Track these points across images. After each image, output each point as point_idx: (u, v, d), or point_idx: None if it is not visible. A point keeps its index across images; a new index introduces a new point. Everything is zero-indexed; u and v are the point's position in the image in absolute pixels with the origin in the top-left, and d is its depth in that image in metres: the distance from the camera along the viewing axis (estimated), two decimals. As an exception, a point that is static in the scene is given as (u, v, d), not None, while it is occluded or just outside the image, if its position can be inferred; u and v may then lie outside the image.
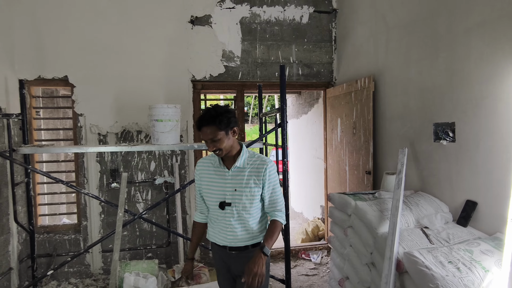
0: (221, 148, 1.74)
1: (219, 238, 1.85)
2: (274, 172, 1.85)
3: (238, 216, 1.79)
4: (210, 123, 1.70)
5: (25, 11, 3.55)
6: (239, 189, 1.79)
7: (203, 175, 1.88)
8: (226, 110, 1.76)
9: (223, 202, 1.80)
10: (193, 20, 3.89)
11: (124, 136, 3.82)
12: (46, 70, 3.64)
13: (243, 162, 1.81)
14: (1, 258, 3.22)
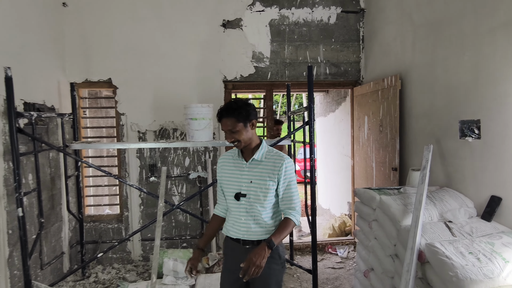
0: (239, 140, 1.81)
1: (233, 230, 1.88)
2: (291, 169, 1.87)
3: (251, 208, 1.83)
4: (230, 115, 1.77)
5: (74, 21, 3.91)
6: (255, 181, 1.84)
7: (224, 167, 1.95)
8: (246, 103, 1.82)
9: (239, 193, 1.85)
10: (225, 23, 4.10)
11: (161, 133, 4.10)
12: (93, 74, 3.99)
13: (261, 155, 1.85)
14: (55, 243, 3.59)
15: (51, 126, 3.54)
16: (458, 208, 2.34)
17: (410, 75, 3.25)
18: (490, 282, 1.73)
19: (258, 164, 1.86)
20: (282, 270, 1.90)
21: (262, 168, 1.84)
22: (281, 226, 1.81)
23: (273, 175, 1.82)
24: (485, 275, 1.74)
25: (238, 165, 1.90)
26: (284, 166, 1.82)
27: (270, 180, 1.82)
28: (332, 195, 5.86)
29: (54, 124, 3.59)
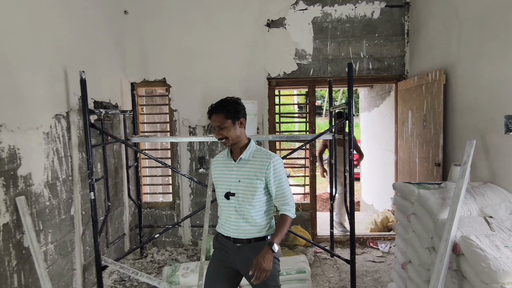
0: (227, 137, 1.85)
1: (224, 228, 1.94)
2: (280, 167, 1.89)
3: (240, 207, 1.87)
4: (219, 111, 1.85)
5: (133, 26, 4.34)
6: (243, 180, 1.87)
7: (216, 168, 2.01)
8: (235, 101, 1.88)
9: (229, 193, 1.90)
10: (269, 23, 4.29)
11: (209, 128, 4.42)
12: (149, 74, 4.40)
13: (249, 154, 1.89)
14: (118, 225, 4.07)
15: (114, 122, 4.00)
16: (499, 203, 2.33)
17: (455, 70, 3.20)
18: (524, 274, 1.76)
19: (246, 163, 1.90)
20: (277, 262, 1.95)
21: (250, 167, 1.89)
22: (279, 225, 1.85)
23: (260, 174, 1.86)
24: (519, 268, 1.77)
25: (228, 165, 1.95)
26: (272, 165, 1.85)
27: (257, 179, 1.86)
28: (376, 191, 5.83)
29: (117, 119, 4.05)
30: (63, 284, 2.99)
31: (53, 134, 2.90)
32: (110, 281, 3.60)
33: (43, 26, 2.78)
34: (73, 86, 3.15)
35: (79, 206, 3.21)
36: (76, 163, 3.19)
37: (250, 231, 1.90)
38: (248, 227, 1.90)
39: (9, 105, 2.41)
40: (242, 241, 1.91)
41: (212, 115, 1.89)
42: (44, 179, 2.77)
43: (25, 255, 2.51)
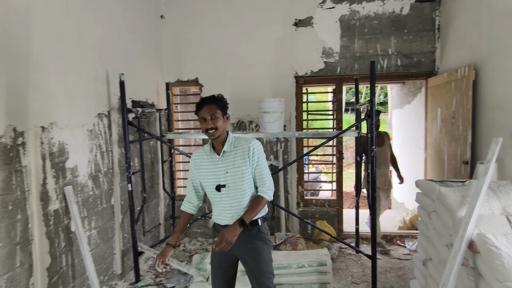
0: (217, 127, 1.95)
1: (221, 218, 2.05)
2: (259, 149, 2.02)
3: (233, 196, 2.00)
4: (212, 102, 1.98)
5: (169, 30, 4.62)
6: (230, 170, 1.99)
7: (199, 164, 2.09)
8: (223, 97, 2.04)
9: (219, 185, 2.01)
10: (297, 22, 4.38)
11: (239, 125, 4.61)
12: (183, 74, 4.67)
13: (230, 146, 2.02)
14: (154, 216, 4.39)
15: (151, 119, 4.31)
16: None
17: (485, 65, 3.12)
18: (538, 273, 1.75)
19: (229, 154, 2.02)
20: (269, 248, 2.08)
21: (234, 156, 2.01)
22: (252, 204, 1.98)
23: (244, 160, 1.99)
24: (532, 266, 1.76)
25: (212, 159, 2.05)
26: (251, 148, 2.00)
27: (243, 165, 1.99)
28: (407, 189, 5.71)
29: (153, 117, 4.36)
30: (105, 267, 3.33)
31: (96, 131, 3.22)
32: (146, 266, 3.91)
33: (88, 34, 3.10)
34: (114, 87, 3.46)
35: (118, 197, 3.53)
36: (116, 157, 3.51)
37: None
38: (241, 212, 2.00)
39: (59, 105, 2.74)
40: None
41: (204, 106, 1.99)
42: (88, 171, 3.10)
43: (72, 238, 2.84)
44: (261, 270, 2.05)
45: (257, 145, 2.04)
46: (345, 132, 3.31)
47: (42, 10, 2.57)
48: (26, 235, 2.41)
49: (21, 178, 2.38)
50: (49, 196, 2.63)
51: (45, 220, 2.58)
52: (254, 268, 2.06)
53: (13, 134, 2.32)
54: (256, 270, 2.05)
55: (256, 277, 2.06)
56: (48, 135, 2.63)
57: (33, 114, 2.49)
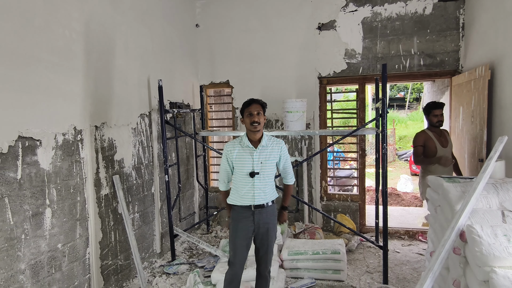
0: (259, 122, 2.50)
1: (246, 200, 2.54)
2: (286, 149, 2.67)
3: (263, 181, 2.54)
4: (258, 103, 2.56)
5: (204, 37, 5.10)
6: (264, 162, 2.54)
7: (233, 153, 2.58)
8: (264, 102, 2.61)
9: (253, 172, 2.52)
10: (320, 26, 4.63)
11: (266, 124, 4.97)
12: (216, 77, 5.13)
13: (266, 142, 2.57)
14: (189, 204, 4.91)
15: (187, 118, 4.82)
16: None
17: (500, 65, 3.18)
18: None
19: (265, 148, 2.59)
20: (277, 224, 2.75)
21: (269, 151, 2.59)
22: (287, 192, 2.79)
23: (276, 155, 2.62)
24: (509, 254, 1.93)
25: (248, 150, 2.57)
26: (282, 148, 2.64)
27: (275, 160, 2.62)
28: (437, 187, 5.71)
29: (189, 117, 4.86)
30: (146, 245, 3.88)
31: (139, 129, 3.76)
32: (181, 248, 4.43)
33: (132, 47, 3.63)
34: (154, 91, 3.98)
35: (157, 186, 4.07)
36: (155, 152, 4.04)
37: (267, 198, 2.59)
38: (265, 195, 2.58)
39: (109, 108, 3.30)
40: (262, 206, 2.58)
41: (252, 103, 2.56)
42: (132, 163, 3.64)
43: (119, 219, 3.40)
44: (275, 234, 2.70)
45: (285, 146, 2.70)
46: (358, 130, 3.53)
47: (96, 28, 3.12)
48: (84, 214, 2.98)
49: (80, 167, 2.95)
50: (101, 183, 3.19)
51: (98, 202, 3.14)
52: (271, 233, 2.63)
53: (73, 132, 2.89)
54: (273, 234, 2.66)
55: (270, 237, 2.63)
56: (100, 133, 3.19)
57: (89, 115, 3.05)
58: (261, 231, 2.59)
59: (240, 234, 2.59)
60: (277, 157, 2.62)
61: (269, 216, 2.61)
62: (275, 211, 2.69)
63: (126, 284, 3.49)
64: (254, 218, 2.57)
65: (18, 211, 2.39)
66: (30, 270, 2.47)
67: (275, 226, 2.67)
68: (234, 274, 2.63)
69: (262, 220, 2.58)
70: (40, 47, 2.55)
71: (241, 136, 2.65)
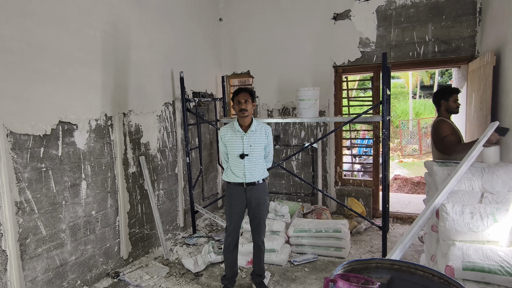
0: (247, 109, 2.79)
1: (239, 178, 2.87)
2: (271, 133, 2.97)
3: (252, 161, 2.86)
4: (246, 91, 2.84)
5: (226, 31, 5.45)
6: (253, 145, 2.85)
7: (227, 136, 2.90)
8: (252, 89, 2.82)
9: (243, 154, 2.83)
10: (335, 16, 4.77)
11: (283, 111, 5.24)
12: (237, 67, 5.48)
13: (255, 127, 2.88)
14: (212, 186, 5.37)
15: (210, 107, 5.24)
16: (497, 179, 2.48)
17: (504, 51, 3.16)
18: (474, 235, 2.08)
19: (254, 133, 2.90)
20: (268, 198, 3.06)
21: (257, 135, 2.91)
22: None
23: (264, 139, 2.94)
24: (469, 229, 2.09)
25: (238, 134, 2.89)
26: (269, 132, 2.96)
27: (263, 143, 2.93)
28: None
29: (212, 105, 5.28)
30: (170, 219, 4.40)
31: (163, 116, 4.24)
32: (203, 224, 4.91)
33: (156, 42, 4.09)
34: (177, 82, 4.43)
35: (181, 167, 4.55)
36: (179, 137, 4.52)
37: (257, 176, 2.92)
38: (256, 173, 2.91)
39: (135, 97, 3.80)
40: (253, 184, 2.91)
41: (240, 92, 2.85)
42: (157, 146, 4.14)
43: (145, 194, 3.92)
44: (266, 208, 3.03)
45: (270, 130, 3.00)
46: (359, 117, 3.69)
47: (123, 29, 3.60)
48: (114, 188, 3.52)
49: (110, 148, 3.49)
50: (129, 162, 3.71)
51: (126, 179, 3.68)
52: (262, 207, 2.95)
53: (104, 118, 3.42)
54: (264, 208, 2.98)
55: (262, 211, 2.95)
56: (128, 119, 3.71)
57: (117, 104, 3.56)
58: (253, 206, 2.94)
59: (234, 207, 2.96)
60: (264, 140, 2.93)
61: (259, 193, 2.94)
62: (265, 188, 3.01)
63: (151, 250, 4.03)
64: (246, 194, 2.92)
65: (59, 181, 2.96)
66: (70, 230, 3.04)
67: (266, 201, 3.00)
68: (231, 240, 3.02)
69: (254, 196, 2.92)
70: (75, 47, 3.07)
71: (233, 121, 2.98)
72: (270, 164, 3.11)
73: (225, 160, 3.06)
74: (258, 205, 2.94)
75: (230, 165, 2.97)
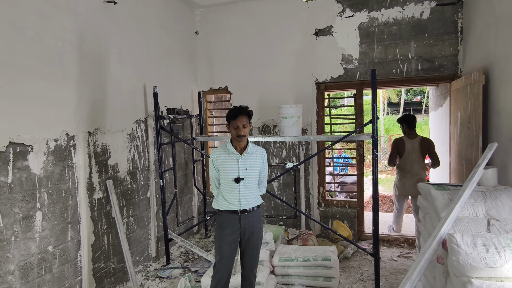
0: (245, 135, 2.54)
1: (233, 205, 2.58)
2: (266, 158, 2.74)
3: (248, 186, 2.60)
4: (245, 114, 2.54)
5: (203, 44, 5.18)
6: (249, 168, 2.60)
7: (220, 159, 2.62)
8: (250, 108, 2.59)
9: (238, 178, 2.55)
10: (317, 32, 4.63)
11: (264, 129, 4.99)
12: (215, 83, 5.19)
13: (251, 150, 2.63)
14: (187, 209, 4.96)
15: (185, 124, 4.89)
16: (502, 206, 2.33)
17: (493, 69, 3.10)
18: (492, 271, 1.87)
19: (250, 155, 2.65)
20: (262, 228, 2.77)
21: (253, 159, 2.66)
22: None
23: (260, 163, 2.69)
24: (486, 264, 1.88)
25: (233, 157, 2.62)
26: (264, 157, 2.73)
27: (258, 166, 2.68)
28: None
29: (187, 122, 4.93)
30: (141, 249, 3.94)
31: (134, 135, 3.85)
32: (178, 252, 4.48)
33: (127, 54, 3.73)
34: (150, 97, 4.06)
35: (153, 190, 4.13)
36: (151, 157, 4.11)
37: (252, 202, 2.65)
38: (251, 199, 2.64)
39: (103, 114, 3.39)
40: (247, 211, 2.63)
41: (239, 116, 2.53)
42: (127, 168, 3.72)
43: (112, 222, 3.47)
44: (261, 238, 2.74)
45: (265, 155, 2.77)
46: (348, 136, 3.51)
47: (89, 39, 3.22)
48: (75, 217, 3.06)
49: (72, 172, 3.04)
50: (94, 187, 3.27)
51: (91, 206, 3.23)
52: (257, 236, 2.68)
53: (66, 137, 2.99)
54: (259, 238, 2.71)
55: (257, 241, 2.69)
56: (94, 138, 3.29)
57: (81, 121, 3.14)
58: (247, 235, 2.64)
59: (227, 239, 2.62)
60: (260, 165, 2.68)
61: (254, 221, 2.66)
62: (260, 216, 2.74)
63: (119, 287, 3.55)
64: (241, 222, 2.61)
65: (8, 213, 2.49)
66: (20, 271, 2.55)
67: (260, 230, 2.71)
68: (220, 278, 2.65)
69: (248, 224, 2.63)
70: (31, 58, 2.66)
71: (226, 143, 2.69)
72: (264, 191, 2.83)
73: (216, 186, 2.75)
74: (252, 235, 2.65)
75: (222, 191, 2.67)
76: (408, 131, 4.29)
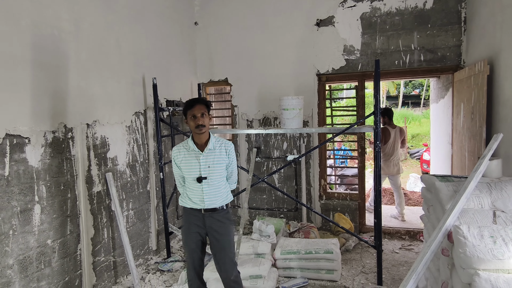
0: (204, 125, 2.35)
1: (196, 203, 2.43)
2: (233, 151, 2.53)
3: (212, 185, 2.42)
4: (202, 103, 2.39)
5: (202, 35, 5.09)
6: (212, 165, 2.41)
7: (179, 157, 2.46)
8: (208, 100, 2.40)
9: (200, 177, 2.39)
10: (318, 22, 4.56)
11: (264, 121, 4.93)
12: (214, 75, 5.12)
13: (213, 145, 2.44)
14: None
15: (185, 117, 4.82)
16: (508, 197, 2.30)
17: (498, 60, 3.05)
18: (499, 263, 1.84)
19: (213, 151, 2.45)
20: (233, 226, 2.59)
21: (216, 154, 2.45)
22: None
23: (225, 158, 2.48)
24: (494, 256, 1.85)
25: (194, 155, 2.44)
26: (230, 149, 2.51)
27: (224, 162, 2.48)
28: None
29: (187, 115, 4.86)
30: (141, 242, 3.90)
31: (133, 127, 3.79)
32: (178, 245, 4.45)
33: (125, 45, 3.65)
34: (149, 89, 4.00)
35: (153, 183, 4.09)
36: (151, 149, 4.06)
37: (218, 201, 2.48)
38: (216, 199, 2.46)
39: (101, 106, 3.33)
40: (212, 210, 2.47)
41: (196, 105, 2.38)
42: (127, 161, 3.67)
43: (112, 215, 3.43)
44: (229, 239, 2.53)
45: (232, 147, 2.55)
46: (350, 128, 3.46)
47: (87, 28, 3.15)
48: (74, 210, 3.02)
49: (71, 165, 2.99)
50: (93, 180, 3.22)
51: (90, 199, 3.18)
52: (223, 238, 2.49)
53: (64, 129, 2.93)
54: (225, 240, 2.51)
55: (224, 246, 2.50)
56: (92, 131, 3.23)
57: (79, 113, 3.08)
58: (213, 236, 2.50)
59: (192, 237, 2.52)
60: (225, 159, 2.49)
61: (221, 220, 2.50)
62: (228, 215, 2.55)
63: (119, 280, 3.52)
64: (205, 221, 2.48)
65: (5, 207, 2.44)
66: (18, 265, 2.51)
67: (228, 230, 2.53)
68: (190, 274, 2.59)
69: (214, 224, 2.49)
70: (25, 47, 2.58)
71: (187, 139, 2.54)
72: (235, 186, 2.66)
73: (180, 184, 2.62)
74: (219, 235, 2.48)
75: (186, 189, 2.53)
76: (389, 122, 5.18)
